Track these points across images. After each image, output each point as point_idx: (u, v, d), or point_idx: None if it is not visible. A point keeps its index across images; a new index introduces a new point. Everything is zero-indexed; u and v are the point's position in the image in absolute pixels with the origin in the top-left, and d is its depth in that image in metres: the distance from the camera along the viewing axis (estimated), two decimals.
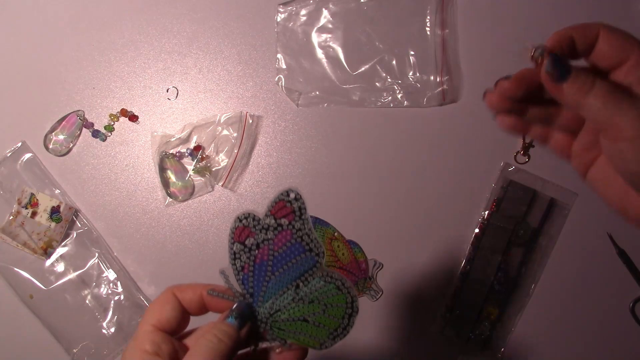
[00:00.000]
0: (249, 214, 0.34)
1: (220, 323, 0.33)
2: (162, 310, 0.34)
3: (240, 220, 0.34)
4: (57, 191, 0.68)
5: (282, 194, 0.34)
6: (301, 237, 0.34)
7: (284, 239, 0.34)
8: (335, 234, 0.66)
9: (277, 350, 0.35)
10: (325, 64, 0.68)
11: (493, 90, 0.35)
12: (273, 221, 0.34)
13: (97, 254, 0.68)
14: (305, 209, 0.34)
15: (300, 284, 0.34)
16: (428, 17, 0.67)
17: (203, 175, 0.68)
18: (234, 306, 0.34)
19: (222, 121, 0.68)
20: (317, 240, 0.34)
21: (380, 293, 0.65)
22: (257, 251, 0.34)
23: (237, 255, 0.35)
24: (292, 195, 0.34)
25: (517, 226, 0.64)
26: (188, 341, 0.34)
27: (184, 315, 0.35)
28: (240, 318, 0.33)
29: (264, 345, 0.35)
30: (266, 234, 0.34)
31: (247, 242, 0.34)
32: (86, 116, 0.70)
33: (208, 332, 0.32)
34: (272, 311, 0.34)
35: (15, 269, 0.67)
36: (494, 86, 0.36)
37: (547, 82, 0.32)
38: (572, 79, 0.31)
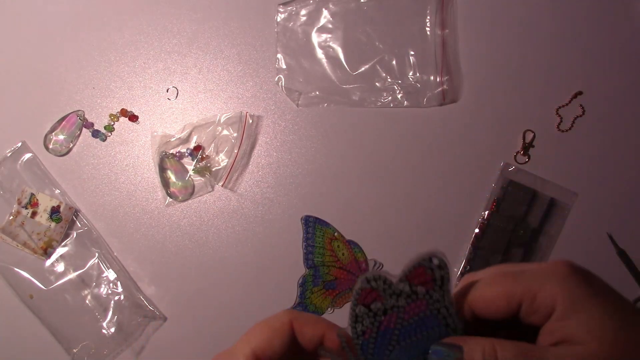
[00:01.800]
0: (379, 276, 0.29)
1: None
2: (271, 341, 0.29)
3: (369, 282, 0.29)
4: (57, 191, 0.68)
5: (424, 259, 0.29)
6: (438, 310, 0.29)
7: (418, 309, 0.29)
8: (335, 234, 0.66)
9: None
10: (325, 64, 0.68)
11: None
12: (408, 288, 0.29)
13: (97, 254, 0.68)
14: (448, 279, 0.29)
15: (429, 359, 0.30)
16: (428, 17, 0.67)
17: (203, 175, 0.68)
18: None
19: (222, 121, 0.68)
20: (456, 316, 0.29)
21: None
22: (383, 317, 0.30)
23: (358, 319, 0.30)
24: (435, 262, 0.29)
25: (517, 226, 0.64)
26: None
27: (294, 352, 0.30)
28: None
29: None
30: (397, 300, 0.29)
31: (372, 306, 0.29)
32: (86, 116, 0.70)
33: None
34: None
35: (15, 269, 0.67)
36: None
37: None
38: None
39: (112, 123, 0.69)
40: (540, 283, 0.27)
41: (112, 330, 0.66)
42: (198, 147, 0.68)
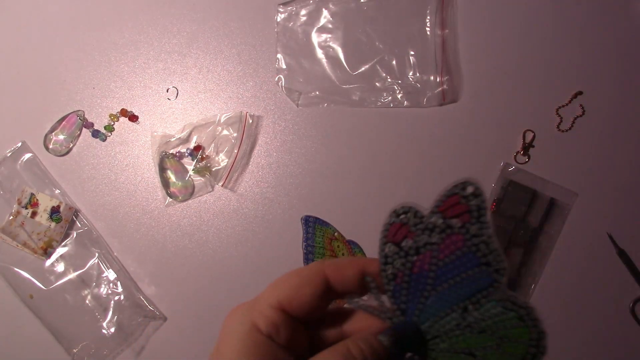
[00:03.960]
0: (409, 207, 0.26)
1: (373, 337, 0.26)
2: (300, 290, 0.26)
3: (398, 215, 0.27)
4: (57, 191, 0.68)
5: (456, 187, 0.25)
6: (477, 246, 0.25)
7: (453, 246, 0.26)
8: (335, 234, 0.66)
9: None
10: (325, 64, 0.68)
11: None
12: (441, 221, 0.26)
13: (97, 254, 0.68)
14: (485, 209, 0.25)
15: (470, 307, 0.26)
16: (428, 17, 0.67)
17: (203, 175, 0.68)
18: (396, 325, 0.27)
19: (222, 121, 0.68)
20: (499, 252, 0.25)
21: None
22: (415, 257, 0.26)
23: (388, 260, 0.27)
24: (469, 190, 0.25)
25: (517, 226, 0.64)
26: (326, 332, 0.28)
27: (323, 303, 0.27)
28: (399, 344, 0.26)
29: None
30: (430, 236, 0.26)
31: (403, 244, 0.27)
32: (86, 116, 0.70)
33: (351, 341, 0.25)
34: (430, 336, 0.27)
35: (15, 269, 0.67)
36: None
37: None
38: None
39: (112, 123, 0.69)
40: None
41: (112, 330, 0.66)
42: (198, 147, 0.68)
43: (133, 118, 0.69)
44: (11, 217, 0.67)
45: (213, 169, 0.68)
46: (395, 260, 0.27)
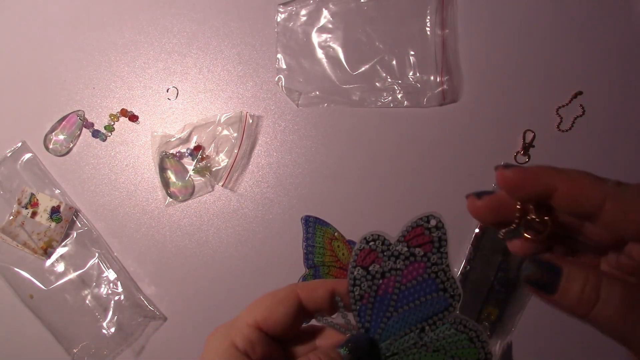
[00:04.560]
0: (378, 235, 0.30)
1: (331, 350, 0.28)
2: (275, 310, 0.29)
3: (368, 242, 0.30)
4: (57, 191, 0.68)
5: (421, 219, 0.29)
6: (436, 273, 0.29)
7: (415, 272, 0.29)
8: (335, 234, 0.66)
9: None
10: (325, 64, 0.68)
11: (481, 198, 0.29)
12: (405, 249, 0.29)
13: (97, 254, 0.67)
14: (446, 240, 0.29)
15: (427, 328, 0.29)
16: (428, 17, 0.67)
17: (203, 175, 0.68)
18: (351, 337, 0.29)
19: (222, 121, 0.68)
20: (454, 279, 0.29)
21: None
22: (381, 281, 0.30)
23: (356, 282, 0.30)
24: (433, 223, 0.29)
25: None
26: (300, 348, 0.31)
27: (297, 322, 0.30)
28: (355, 353, 0.28)
29: None
30: (395, 262, 0.29)
31: (371, 269, 0.30)
32: (86, 116, 0.70)
33: (312, 354, 0.28)
34: (389, 353, 0.30)
35: (15, 269, 0.67)
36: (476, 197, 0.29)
37: (531, 290, 0.25)
38: (562, 291, 0.23)
39: (112, 123, 0.69)
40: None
41: (112, 330, 0.66)
42: (198, 147, 0.68)
43: (133, 118, 0.69)
44: (11, 217, 0.67)
45: (213, 169, 0.68)
46: (362, 283, 0.30)
